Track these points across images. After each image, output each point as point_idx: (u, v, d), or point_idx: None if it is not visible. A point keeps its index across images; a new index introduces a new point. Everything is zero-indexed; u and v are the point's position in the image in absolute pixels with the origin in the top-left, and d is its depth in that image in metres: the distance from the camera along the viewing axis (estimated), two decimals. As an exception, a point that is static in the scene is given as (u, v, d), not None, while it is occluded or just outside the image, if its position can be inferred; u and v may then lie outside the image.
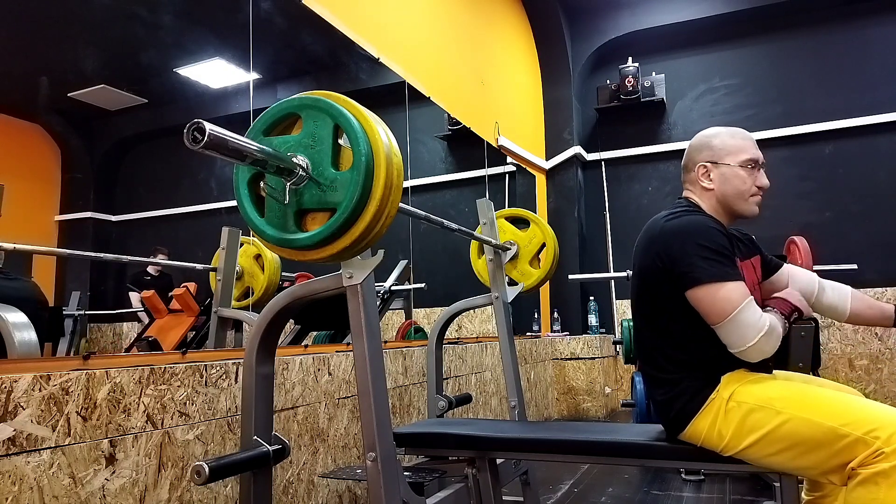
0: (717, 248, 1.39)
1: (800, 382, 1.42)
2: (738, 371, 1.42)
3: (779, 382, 1.40)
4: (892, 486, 1.16)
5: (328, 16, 2.62)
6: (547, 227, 2.50)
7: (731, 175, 1.52)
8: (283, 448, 1.33)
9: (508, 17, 5.01)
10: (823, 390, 1.36)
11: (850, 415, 1.25)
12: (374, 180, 1.08)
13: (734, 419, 1.35)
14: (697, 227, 1.43)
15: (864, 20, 4.85)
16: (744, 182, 1.52)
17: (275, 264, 2.27)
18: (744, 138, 1.56)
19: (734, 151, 1.53)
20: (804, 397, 1.32)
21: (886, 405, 1.29)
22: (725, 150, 1.54)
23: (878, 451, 1.18)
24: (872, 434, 1.20)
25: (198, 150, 0.92)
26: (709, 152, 1.56)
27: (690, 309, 1.42)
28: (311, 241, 1.11)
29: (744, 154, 1.52)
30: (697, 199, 1.58)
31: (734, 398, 1.37)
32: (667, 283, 1.44)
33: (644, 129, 5.45)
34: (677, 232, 1.44)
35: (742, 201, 1.53)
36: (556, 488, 2.76)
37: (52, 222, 1.78)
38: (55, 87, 1.76)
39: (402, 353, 2.61)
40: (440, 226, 1.92)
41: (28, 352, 1.37)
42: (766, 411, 1.32)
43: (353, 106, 1.13)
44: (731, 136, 1.56)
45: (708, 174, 1.55)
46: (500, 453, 1.69)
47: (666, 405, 1.46)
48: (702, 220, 1.46)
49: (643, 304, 1.54)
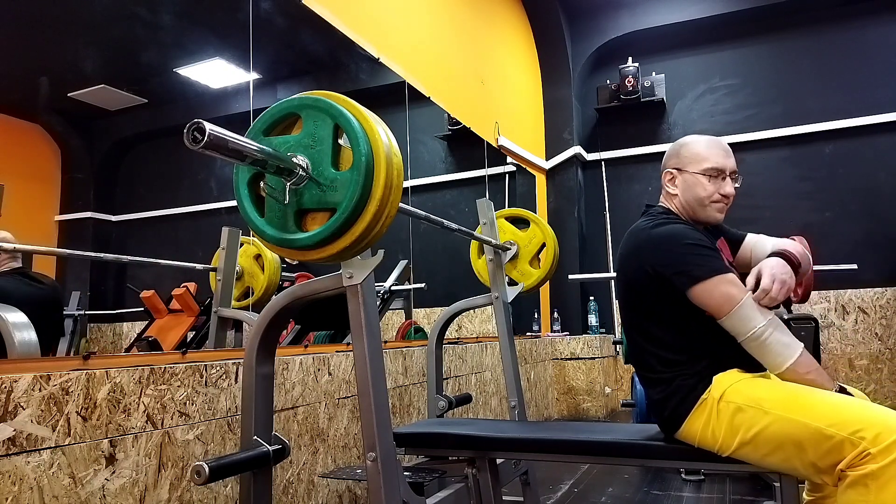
0: (705, 246, 1.46)
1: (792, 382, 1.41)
2: (731, 371, 1.43)
3: (769, 382, 1.40)
4: (882, 489, 1.14)
5: (328, 16, 2.62)
6: (547, 227, 2.50)
7: (692, 182, 1.58)
8: (283, 448, 1.33)
9: (508, 17, 5.01)
10: (813, 391, 1.34)
11: (836, 415, 1.24)
12: (374, 180, 1.08)
13: (724, 419, 1.36)
14: (682, 231, 1.50)
15: (864, 20, 4.85)
16: (704, 189, 1.57)
17: (275, 264, 2.27)
18: (712, 147, 1.60)
19: (698, 160, 1.58)
20: (792, 398, 1.32)
21: (878, 405, 1.27)
22: (690, 157, 1.60)
23: (865, 453, 1.17)
24: (858, 434, 1.19)
25: (198, 151, 0.92)
26: (675, 160, 1.63)
27: (678, 312, 1.46)
28: (311, 241, 1.11)
29: (707, 162, 1.57)
30: (668, 204, 1.65)
31: (725, 398, 1.38)
32: (656, 288, 1.48)
33: (644, 129, 5.45)
34: (665, 238, 1.49)
35: (701, 208, 1.58)
36: (556, 488, 2.76)
37: (52, 222, 1.78)
38: (55, 87, 1.76)
39: (402, 353, 2.61)
40: (440, 226, 1.92)
41: (28, 352, 1.37)
42: (754, 411, 1.33)
43: (353, 106, 1.13)
44: (699, 145, 1.61)
45: (673, 180, 1.63)
46: (500, 453, 1.69)
47: (660, 404, 1.48)
48: (682, 227, 1.53)
49: (632, 309, 1.58)
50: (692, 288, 1.41)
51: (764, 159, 5.08)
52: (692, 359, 1.46)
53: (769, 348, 1.36)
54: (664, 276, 1.46)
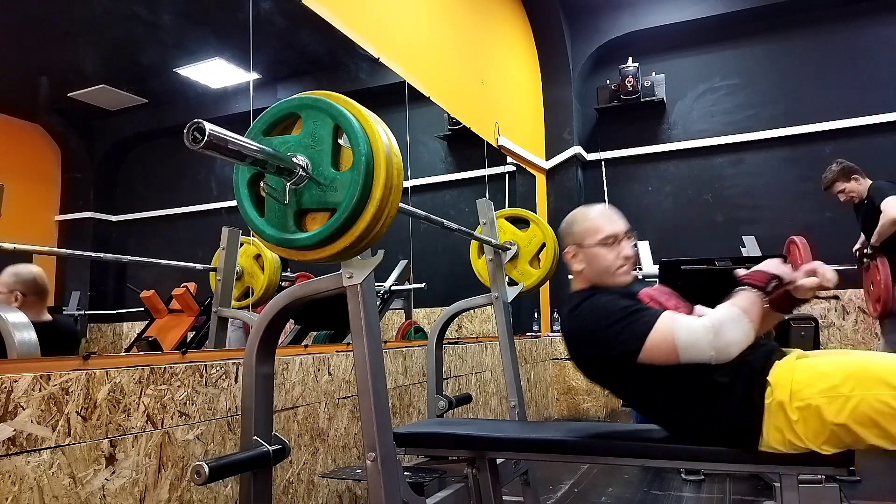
0: (624, 310, 1.45)
1: (836, 357, 1.38)
2: (779, 365, 1.37)
3: (829, 362, 1.35)
4: None
5: (328, 16, 2.62)
6: (547, 227, 2.50)
7: (592, 255, 1.61)
8: (283, 448, 1.33)
9: (508, 17, 5.01)
10: (874, 358, 1.32)
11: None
12: (374, 180, 1.08)
13: (810, 420, 1.29)
14: (598, 307, 1.50)
15: (864, 20, 4.85)
16: (605, 259, 1.59)
17: (275, 264, 2.27)
18: (601, 216, 1.63)
19: (592, 232, 1.61)
20: (862, 372, 1.28)
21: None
22: (584, 232, 1.62)
23: None
24: None
25: (198, 151, 0.92)
26: (571, 238, 1.66)
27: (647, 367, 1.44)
28: (311, 241, 1.11)
29: (600, 233, 1.60)
30: (579, 281, 1.66)
31: (796, 397, 1.31)
32: (621, 367, 1.48)
33: (644, 129, 5.45)
34: (587, 323, 1.50)
35: (610, 276, 1.60)
36: (556, 488, 2.76)
37: (52, 222, 1.78)
38: (55, 87, 1.76)
39: (402, 353, 2.61)
40: (440, 226, 1.92)
41: (28, 352, 1.37)
42: (836, 400, 1.27)
43: (353, 106, 1.13)
44: (588, 218, 1.65)
45: (575, 257, 1.64)
46: (500, 453, 1.68)
47: (718, 430, 1.39)
48: (596, 301, 1.52)
49: (622, 392, 1.59)
50: (638, 360, 1.41)
51: (764, 159, 5.08)
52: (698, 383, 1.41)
53: (733, 337, 1.35)
54: (613, 357, 1.46)
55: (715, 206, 5.18)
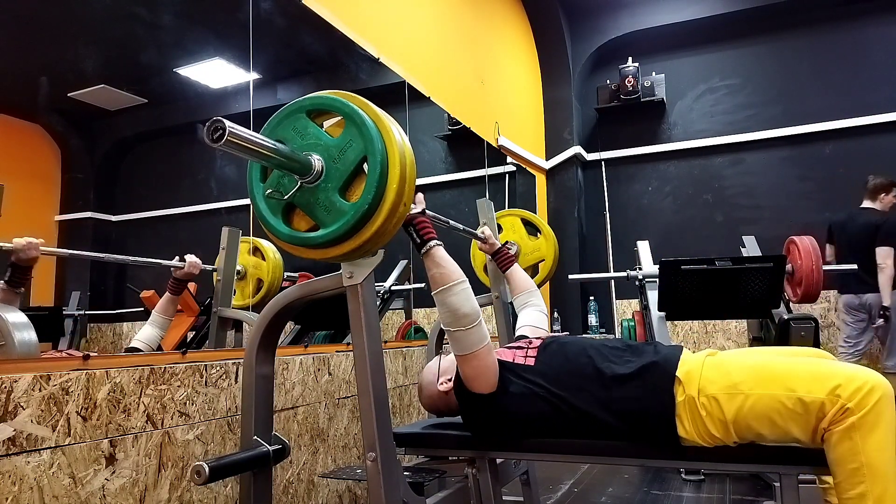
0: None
1: (743, 356, 1.46)
2: (686, 359, 1.46)
3: (735, 361, 1.43)
4: (865, 438, 1.23)
5: (328, 16, 2.62)
6: (552, 244, 2.54)
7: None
8: (283, 448, 1.33)
9: (508, 17, 5.01)
10: (779, 361, 1.41)
11: (810, 380, 1.31)
12: (387, 182, 1.09)
13: (714, 414, 1.38)
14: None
15: (864, 20, 4.85)
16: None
17: (276, 264, 2.27)
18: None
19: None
20: (763, 372, 1.37)
21: (839, 362, 1.38)
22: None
23: (843, 408, 1.25)
24: (835, 393, 1.27)
25: (217, 148, 0.93)
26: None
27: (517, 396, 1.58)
28: (324, 240, 1.12)
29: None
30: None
31: (703, 392, 1.39)
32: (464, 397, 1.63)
33: (644, 129, 5.45)
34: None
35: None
36: (556, 488, 2.76)
37: (52, 222, 1.78)
38: (55, 87, 1.75)
39: (402, 353, 2.61)
40: (445, 225, 1.92)
41: (28, 352, 1.37)
42: (735, 397, 1.36)
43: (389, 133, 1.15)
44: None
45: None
46: (500, 453, 1.68)
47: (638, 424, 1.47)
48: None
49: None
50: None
51: (764, 159, 5.08)
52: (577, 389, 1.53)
53: (463, 312, 1.60)
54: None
55: (715, 206, 5.19)
